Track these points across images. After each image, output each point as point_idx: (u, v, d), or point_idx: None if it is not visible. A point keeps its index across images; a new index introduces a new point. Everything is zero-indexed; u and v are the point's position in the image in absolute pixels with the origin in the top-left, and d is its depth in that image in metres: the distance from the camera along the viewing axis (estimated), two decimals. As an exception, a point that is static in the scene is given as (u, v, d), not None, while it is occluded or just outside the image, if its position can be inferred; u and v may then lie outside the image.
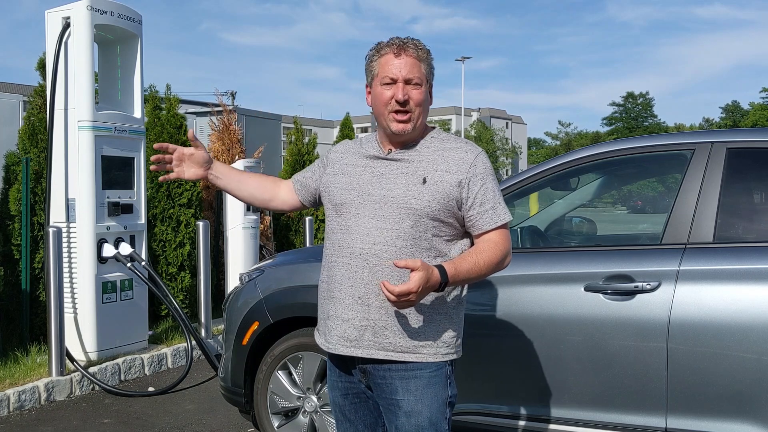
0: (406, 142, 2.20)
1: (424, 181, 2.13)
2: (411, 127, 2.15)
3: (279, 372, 3.71)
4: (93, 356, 5.43)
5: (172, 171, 2.40)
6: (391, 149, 2.21)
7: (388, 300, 1.99)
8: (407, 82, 2.13)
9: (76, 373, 5.13)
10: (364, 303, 2.13)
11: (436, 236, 2.14)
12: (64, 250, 5.27)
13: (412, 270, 1.96)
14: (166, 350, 5.92)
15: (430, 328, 2.15)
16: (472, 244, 2.22)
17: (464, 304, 2.27)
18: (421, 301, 2.11)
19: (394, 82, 2.14)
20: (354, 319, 2.14)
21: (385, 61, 2.16)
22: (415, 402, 2.13)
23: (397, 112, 2.14)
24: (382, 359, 2.14)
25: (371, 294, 2.12)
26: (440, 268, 2.03)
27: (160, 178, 2.42)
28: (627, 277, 3.02)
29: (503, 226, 2.19)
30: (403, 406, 2.14)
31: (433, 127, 2.30)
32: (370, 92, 2.23)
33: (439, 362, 2.17)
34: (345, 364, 2.25)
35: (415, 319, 2.13)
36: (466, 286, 2.23)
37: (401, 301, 1.97)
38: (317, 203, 2.43)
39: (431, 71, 2.21)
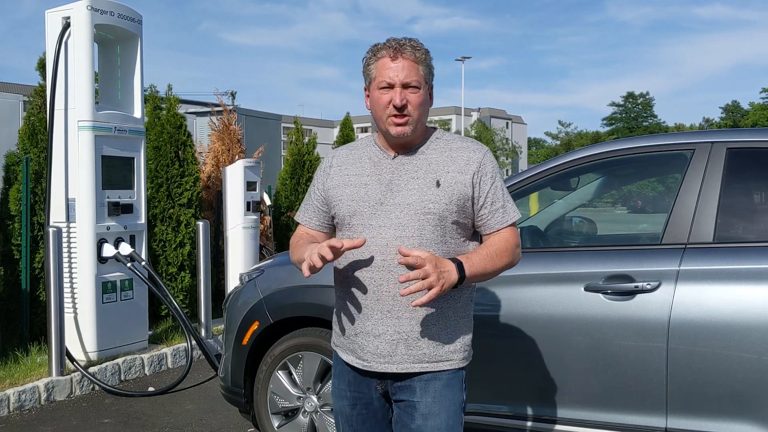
0: (408, 145, 2.16)
1: (438, 184, 2.09)
2: (410, 130, 2.10)
3: (279, 372, 3.71)
4: (93, 356, 5.43)
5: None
6: (396, 154, 2.16)
7: (413, 296, 1.91)
8: (405, 86, 2.07)
9: (76, 373, 5.13)
10: (394, 316, 2.08)
11: (453, 239, 2.11)
12: (64, 250, 5.27)
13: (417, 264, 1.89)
14: (166, 350, 5.92)
15: (455, 333, 2.13)
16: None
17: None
18: (447, 306, 2.09)
19: (391, 86, 2.08)
20: (386, 334, 2.09)
21: (382, 65, 2.09)
22: (433, 403, 2.10)
23: (395, 116, 2.09)
24: (417, 372, 2.10)
25: (400, 306, 2.07)
26: (453, 260, 2.00)
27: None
28: (627, 277, 3.02)
29: (513, 224, 2.17)
30: (420, 408, 2.11)
31: (435, 128, 2.25)
32: (368, 95, 2.18)
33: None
34: (359, 373, 2.19)
35: (443, 326, 2.10)
36: (474, 287, 2.22)
37: (424, 283, 1.88)
38: None
39: (430, 72, 2.14)
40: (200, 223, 6.51)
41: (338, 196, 2.18)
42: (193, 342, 5.58)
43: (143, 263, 5.68)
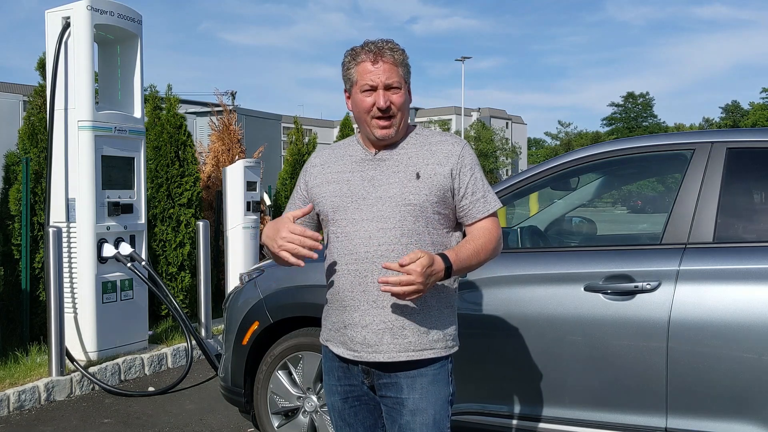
0: (390, 143, 2.23)
1: (418, 176, 2.16)
2: (394, 131, 2.18)
3: (279, 372, 3.71)
4: (93, 356, 5.43)
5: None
6: (377, 150, 2.23)
7: (395, 295, 1.98)
8: (387, 87, 2.15)
9: (76, 373, 5.13)
10: (380, 306, 2.13)
11: (435, 230, 2.17)
12: (64, 250, 5.27)
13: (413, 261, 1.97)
14: (166, 350, 5.92)
15: (440, 321, 2.18)
16: (463, 234, 2.26)
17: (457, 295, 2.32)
18: (430, 296, 2.13)
19: (374, 89, 2.15)
20: (372, 324, 2.14)
21: (362, 69, 2.16)
22: (420, 400, 2.15)
23: (379, 118, 2.16)
24: (402, 361, 2.14)
25: (385, 296, 2.11)
26: (442, 255, 2.05)
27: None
28: (627, 277, 3.02)
29: (493, 214, 2.24)
30: (408, 404, 2.15)
31: (414, 125, 2.32)
32: (349, 98, 2.24)
33: (443, 359, 2.19)
34: (347, 366, 2.24)
35: (428, 314, 2.16)
36: (458, 277, 2.26)
37: (408, 288, 1.96)
38: None
39: (408, 71, 2.22)
40: (200, 223, 6.51)
41: (321, 194, 2.25)
42: (193, 342, 5.58)
43: (143, 263, 5.68)
